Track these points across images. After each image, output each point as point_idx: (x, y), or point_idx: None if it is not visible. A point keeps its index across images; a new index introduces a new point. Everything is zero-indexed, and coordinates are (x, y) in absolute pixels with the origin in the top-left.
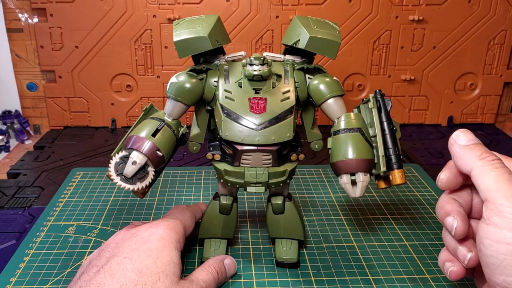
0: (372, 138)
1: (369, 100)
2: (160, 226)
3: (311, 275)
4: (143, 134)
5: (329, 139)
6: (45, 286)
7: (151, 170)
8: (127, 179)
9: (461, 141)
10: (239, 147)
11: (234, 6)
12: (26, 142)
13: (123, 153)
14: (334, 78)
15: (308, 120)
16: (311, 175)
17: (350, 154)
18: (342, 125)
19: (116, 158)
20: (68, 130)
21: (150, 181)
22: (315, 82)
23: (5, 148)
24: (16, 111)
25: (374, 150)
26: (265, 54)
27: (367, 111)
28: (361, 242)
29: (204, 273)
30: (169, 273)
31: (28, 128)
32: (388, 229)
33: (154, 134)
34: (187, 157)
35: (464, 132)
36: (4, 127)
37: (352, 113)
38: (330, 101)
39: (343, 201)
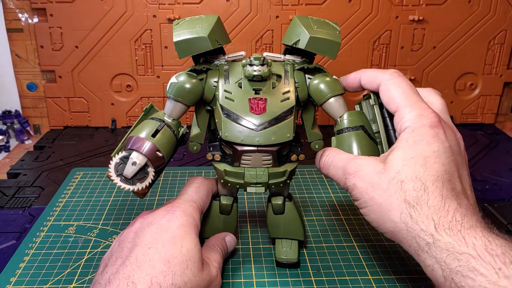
0: (376, 134)
1: (370, 97)
2: (176, 212)
3: (311, 275)
4: (143, 134)
5: (333, 139)
6: (45, 286)
7: (151, 170)
8: (127, 180)
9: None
10: (239, 148)
11: (234, 6)
12: (26, 142)
13: (123, 153)
14: (334, 77)
15: (308, 120)
16: (311, 175)
17: (355, 152)
18: (345, 124)
19: (116, 159)
20: (68, 130)
21: (150, 181)
22: (315, 82)
23: (5, 148)
24: (16, 111)
25: (379, 146)
26: (265, 54)
27: (369, 107)
28: (361, 242)
29: (213, 253)
30: (195, 260)
31: (28, 128)
32: None
33: (154, 135)
34: (187, 157)
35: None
36: (4, 127)
37: (354, 111)
38: (331, 100)
39: (343, 201)
